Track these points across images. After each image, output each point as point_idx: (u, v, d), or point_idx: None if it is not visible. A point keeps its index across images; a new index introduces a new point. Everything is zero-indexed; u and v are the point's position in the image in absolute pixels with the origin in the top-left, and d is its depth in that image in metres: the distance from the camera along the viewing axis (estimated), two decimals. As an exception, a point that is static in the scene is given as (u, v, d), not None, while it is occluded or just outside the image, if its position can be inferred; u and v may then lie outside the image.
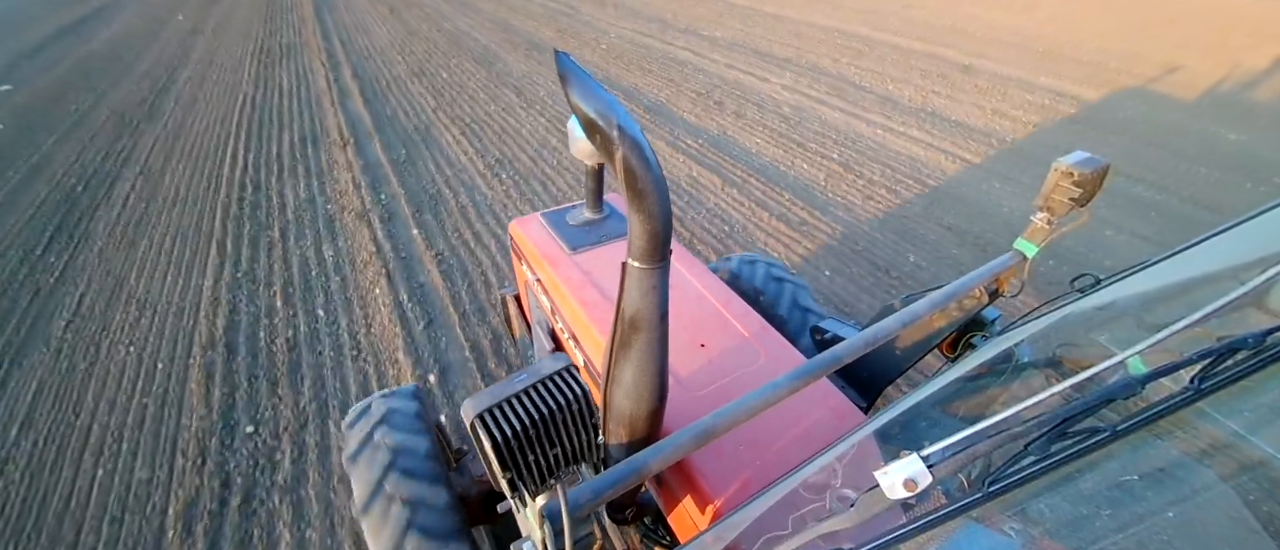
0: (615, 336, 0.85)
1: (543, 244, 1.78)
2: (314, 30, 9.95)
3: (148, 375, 3.11)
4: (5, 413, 2.91)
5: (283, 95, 7.09)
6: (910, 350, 1.50)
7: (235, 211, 4.62)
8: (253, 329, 3.40)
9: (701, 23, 9.94)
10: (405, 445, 1.52)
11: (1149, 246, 3.97)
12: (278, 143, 5.80)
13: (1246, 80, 7.01)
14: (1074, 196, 1.14)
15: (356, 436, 1.57)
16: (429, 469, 1.49)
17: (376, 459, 1.48)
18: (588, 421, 0.97)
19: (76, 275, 3.94)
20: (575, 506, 0.80)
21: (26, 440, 2.77)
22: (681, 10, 10.79)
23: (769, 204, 4.51)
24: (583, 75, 0.65)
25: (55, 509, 2.47)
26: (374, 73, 7.70)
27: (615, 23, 10.01)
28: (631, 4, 11.26)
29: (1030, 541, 0.66)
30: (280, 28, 10.24)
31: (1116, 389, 0.60)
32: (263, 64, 8.28)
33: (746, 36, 9.08)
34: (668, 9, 10.88)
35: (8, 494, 2.54)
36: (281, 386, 3.00)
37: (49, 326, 3.48)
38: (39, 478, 2.60)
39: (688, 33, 9.32)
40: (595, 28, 9.77)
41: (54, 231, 4.46)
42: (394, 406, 1.64)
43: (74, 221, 4.59)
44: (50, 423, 2.85)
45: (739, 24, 9.81)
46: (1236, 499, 0.70)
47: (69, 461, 2.66)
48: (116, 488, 2.54)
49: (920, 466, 0.54)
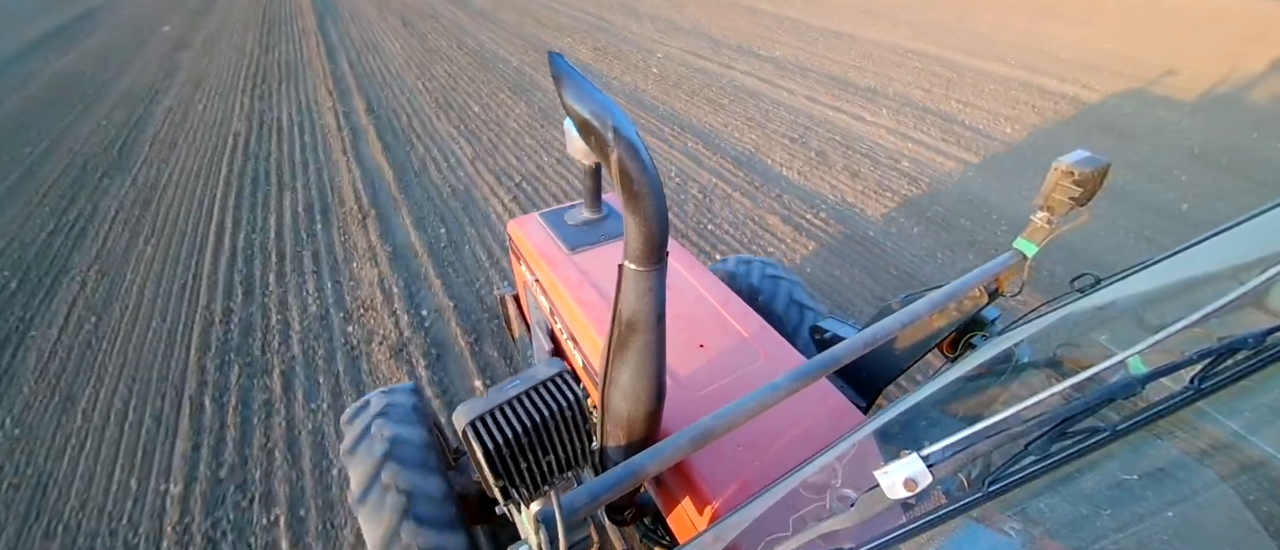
0: (612, 338, 0.85)
1: (541, 244, 1.77)
2: (317, 47, 8.80)
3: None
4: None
5: (282, 136, 5.85)
6: (910, 350, 1.50)
7: (217, 341, 3.22)
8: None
9: (754, 40, 8.69)
10: (402, 436, 1.52)
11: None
12: (276, 214, 4.47)
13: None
14: (1074, 196, 1.14)
15: (354, 430, 1.58)
16: (425, 459, 1.50)
17: (373, 449, 1.49)
18: (583, 428, 0.97)
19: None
20: (572, 510, 0.79)
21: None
22: (724, 24, 9.67)
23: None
24: (577, 76, 0.64)
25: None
26: (392, 105, 6.46)
27: (658, 39, 8.77)
28: (667, 16, 10.20)
29: (1030, 541, 0.65)
30: (278, 42, 9.13)
31: (1116, 389, 0.60)
32: (258, 91, 7.07)
33: (810, 57, 7.89)
34: (707, 22, 9.77)
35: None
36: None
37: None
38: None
39: (744, 52, 8.12)
40: (638, 46, 8.49)
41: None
42: (392, 401, 1.65)
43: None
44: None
45: (795, 41, 8.62)
46: (1236, 499, 0.70)
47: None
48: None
49: (920, 466, 0.53)
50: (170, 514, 2.36)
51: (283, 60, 8.28)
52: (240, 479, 2.48)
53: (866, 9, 10.47)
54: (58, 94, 7.38)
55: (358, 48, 8.69)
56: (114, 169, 5.35)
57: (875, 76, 7.15)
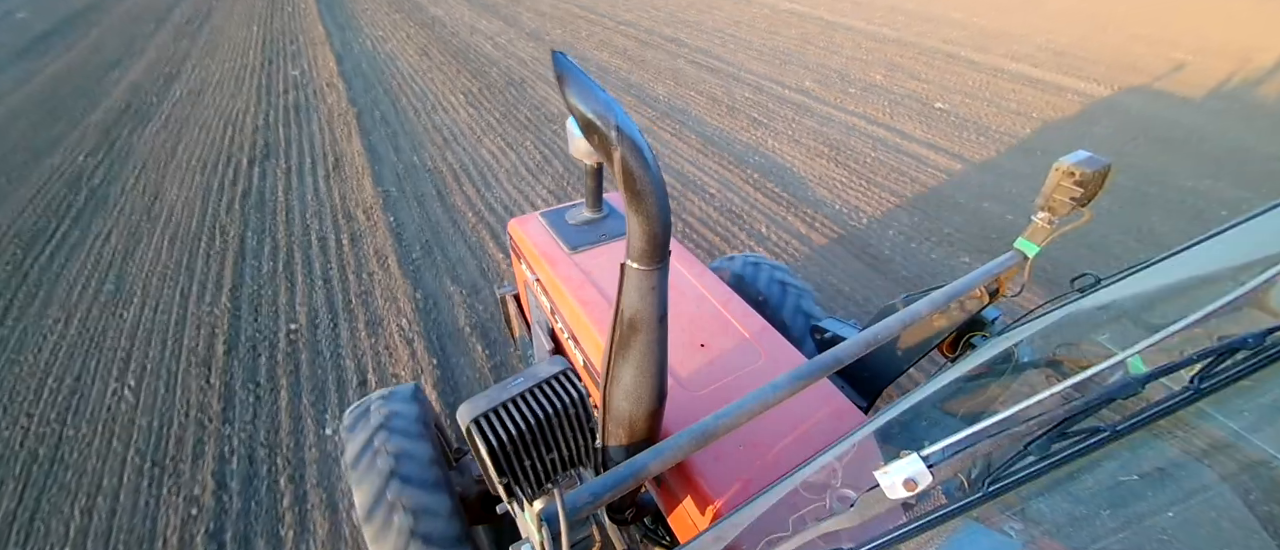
0: (614, 338, 0.85)
1: (542, 243, 1.78)
2: (350, 128, 5.86)
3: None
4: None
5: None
6: (910, 350, 1.50)
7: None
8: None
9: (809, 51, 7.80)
10: (407, 451, 1.50)
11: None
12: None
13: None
14: (1075, 196, 1.14)
15: (356, 442, 1.55)
16: (431, 475, 1.48)
17: (377, 465, 1.47)
18: (586, 426, 0.97)
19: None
20: (573, 509, 0.80)
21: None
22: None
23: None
24: (580, 75, 0.64)
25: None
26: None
27: (744, 67, 7.49)
28: (707, 24, 9.41)
29: (1030, 541, 0.66)
30: (278, 122, 6.10)
31: (1116, 389, 0.60)
32: (238, 260, 3.96)
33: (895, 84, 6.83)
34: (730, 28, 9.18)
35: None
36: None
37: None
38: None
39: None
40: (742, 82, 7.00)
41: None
42: (393, 408, 1.62)
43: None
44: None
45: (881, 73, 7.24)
46: (1236, 499, 0.70)
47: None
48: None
49: (920, 466, 0.54)
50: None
51: (281, 160, 5.37)
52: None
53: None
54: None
55: (410, 115, 6.19)
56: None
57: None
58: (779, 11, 10.28)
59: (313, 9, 10.80)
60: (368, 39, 9.01)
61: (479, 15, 10.20)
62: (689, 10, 10.42)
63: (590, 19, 9.90)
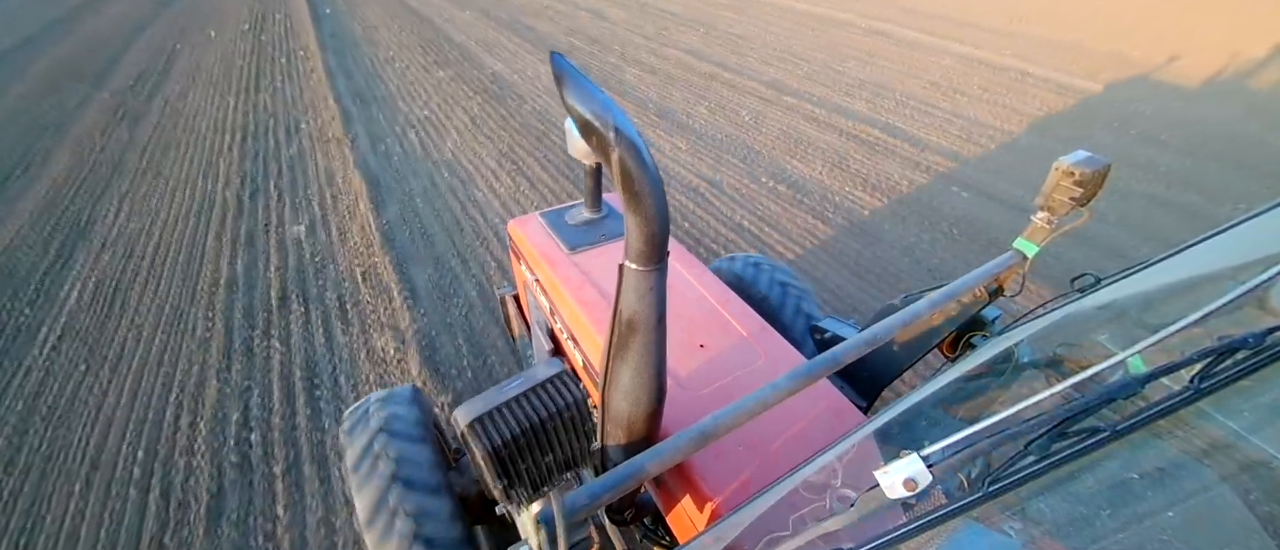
0: (613, 338, 0.85)
1: (541, 244, 1.77)
2: (366, 221, 3.83)
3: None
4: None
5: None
6: (910, 350, 1.50)
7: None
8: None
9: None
10: (407, 455, 1.50)
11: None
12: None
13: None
14: (1075, 196, 1.14)
15: (356, 447, 1.54)
16: (432, 479, 1.48)
17: (378, 469, 1.46)
18: (583, 428, 0.97)
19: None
20: (572, 511, 0.79)
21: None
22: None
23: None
24: (578, 76, 0.64)
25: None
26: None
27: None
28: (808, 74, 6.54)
29: (1030, 541, 0.65)
30: (255, 246, 3.66)
31: (1116, 389, 0.60)
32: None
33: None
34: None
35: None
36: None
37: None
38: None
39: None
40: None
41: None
42: (392, 411, 1.61)
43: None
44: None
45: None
46: (1236, 499, 0.70)
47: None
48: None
49: (920, 466, 0.54)
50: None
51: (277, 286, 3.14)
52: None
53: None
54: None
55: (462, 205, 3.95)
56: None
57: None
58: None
59: (318, 65, 7.00)
60: (409, 124, 5.39)
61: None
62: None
63: (723, 78, 6.54)
